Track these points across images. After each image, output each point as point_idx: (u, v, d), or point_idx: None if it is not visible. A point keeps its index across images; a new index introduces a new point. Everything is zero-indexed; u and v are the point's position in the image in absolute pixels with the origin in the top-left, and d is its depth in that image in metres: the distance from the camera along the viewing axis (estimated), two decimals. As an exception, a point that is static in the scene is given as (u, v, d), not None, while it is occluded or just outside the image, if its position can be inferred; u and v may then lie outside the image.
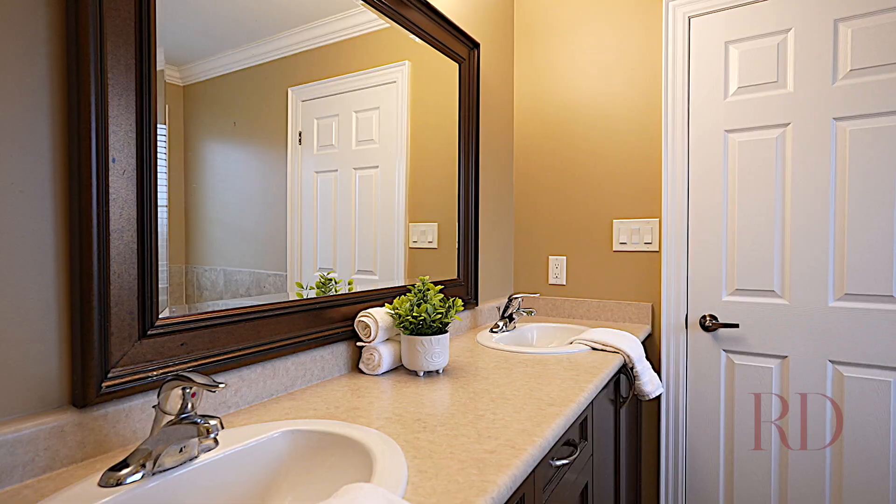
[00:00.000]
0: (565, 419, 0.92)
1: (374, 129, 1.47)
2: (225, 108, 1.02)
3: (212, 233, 0.98)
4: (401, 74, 1.60)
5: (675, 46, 1.81)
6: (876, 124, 1.52)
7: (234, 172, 1.03)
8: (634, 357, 1.41)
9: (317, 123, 1.27)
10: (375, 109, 1.49)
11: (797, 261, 1.63)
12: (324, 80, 1.28)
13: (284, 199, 1.15)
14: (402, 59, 1.60)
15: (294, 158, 1.18)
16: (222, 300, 0.98)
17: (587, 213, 2.02)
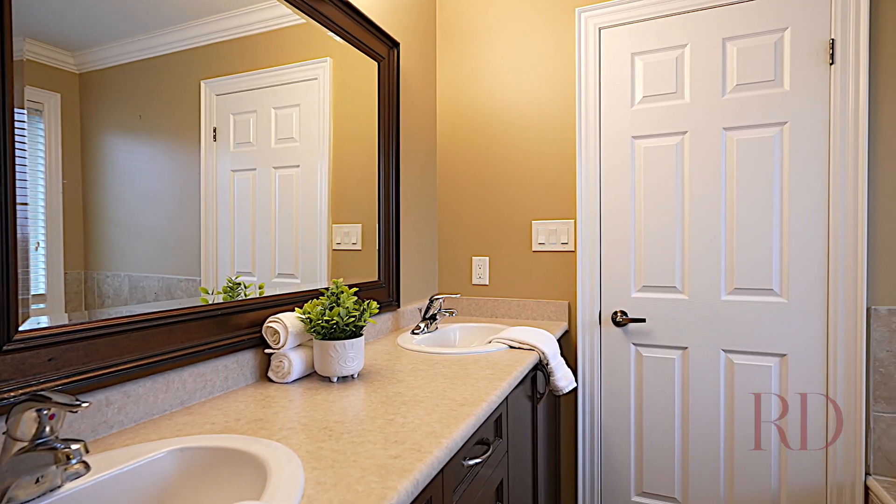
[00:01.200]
0: (476, 419, 0.93)
1: (294, 127, 1.41)
2: (130, 100, 0.93)
3: (115, 235, 0.89)
4: (322, 72, 1.55)
5: (587, 56, 1.90)
6: (756, 134, 1.68)
7: (142, 170, 0.94)
8: (549, 354, 1.45)
9: (233, 119, 1.20)
10: (296, 107, 1.43)
11: (695, 258, 1.77)
12: (240, 75, 1.21)
13: (198, 198, 1.07)
14: (324, 56, 1.55)
15: (209, 156, 1.10)
16: (127, 307, 0.89)
17: (508, 215, 2.07)
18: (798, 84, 1.63)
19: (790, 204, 1.64)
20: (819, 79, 1.60)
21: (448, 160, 2.18)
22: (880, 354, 1.55)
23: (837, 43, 1.57)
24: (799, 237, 1.64)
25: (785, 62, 1.65)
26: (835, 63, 1.58)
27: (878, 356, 1.55)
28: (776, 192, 1.66)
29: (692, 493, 1.79)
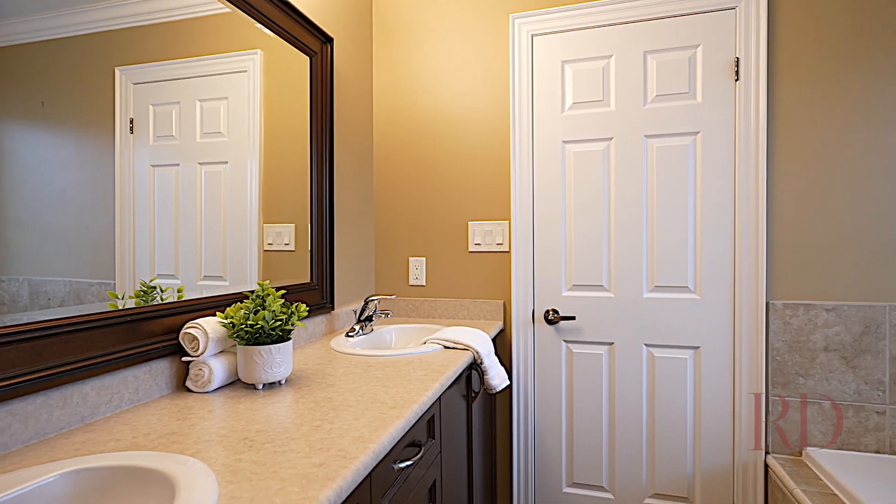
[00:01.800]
0: (406, 421, 0.92)
1: (222, 121, 1.34)
2: (30, 85, 0.83)
3: (11, 235, 0.79)
4: (252, 64, 1.48)
5: (520, 61, 1.95)
6: (673, 142, 1.81)
7: (44, 162, 0.85)
8: (483, 353, 1.48)
9: (153, 111, 1.11)
10: (223, 100, 1.35)
11: (620, 258, 1.87)
12: (161, 63, 1.13)
13: (112, 195, 0.98)
14: (254, 49, 1.48)
15: (124, 149, 1.01)
16: (27, 314, 0.80)
17: (445, 215, 2.08)
18: (709, 97, 1.76)
19: (703, 207, 1.78)
20: (726, 93, 1.75)
21: (385, 159, 2.15)
22: (777, 344, 1.71)
23: (742, 61, 1.72)
24: (710, 238, 1.77)
25: (698, 76, 1.78)
26: (739, 79, 1.72)
27: (776, 346, 1.71)
28: (691, 196, 1.79)
29: (618, 480, 1.88)
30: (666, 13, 1.79)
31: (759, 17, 1.69)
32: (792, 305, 1.70)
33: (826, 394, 1.67)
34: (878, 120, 1.62)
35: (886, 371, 1.62)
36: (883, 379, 1.62)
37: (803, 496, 1.44)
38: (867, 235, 1.63)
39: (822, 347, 1.67)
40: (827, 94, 1.66)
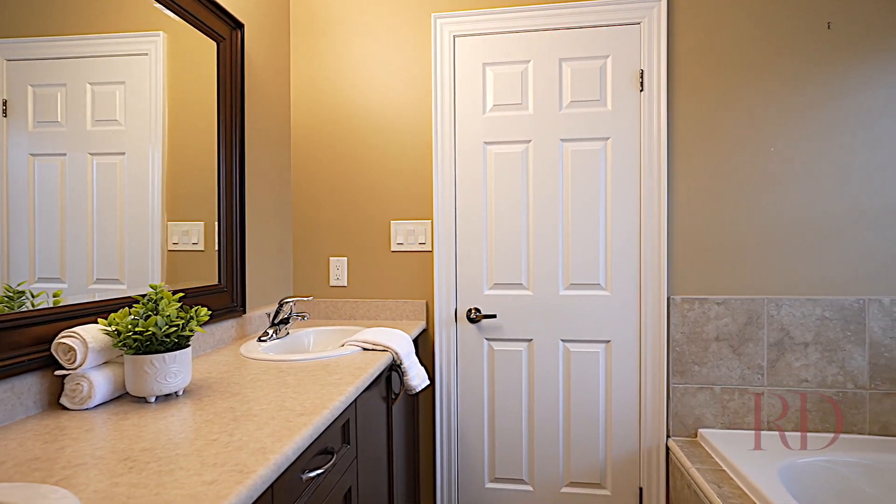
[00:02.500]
0: (314, 428, 0.88)
1: (118, 108, 1.21)
2: None
3: None
4: (154, 47, 1.36)
5: (442, 61, 1.95)
6: (586, 147, 1.90)
7: None
8: (403, 354, 1.46)
9: (32, 92, 0.98)
10: (120, 84, 1.22)
11: (538, 257, 1.93)
12: (42, 39, 1.00)
13: None
14: (156, 30, 1.35)
15: None
16: None
17: (367, 214, 2.03)
18: (618, 105, 1.87)
19: (612, 209, 1.88)
20: (633, 102, 1.87)
21: (305, 156, 2.07)
22: (676, 336, 1.85)
23: (646, 73, 1.84)
24: (619, 237, 1.88)
25: (608, 85, 1.88)
26: (644, 90, 1.85)
27: (675, 337, 1.86)
28: (602, 198, 1.89)
29: (537, 472, 1.94)
30: (579, 24, 1.87)
31: (659, 32, 1.82)
32: (689, 300, 1.85)
33: (717, 379, 1.84)
34: (760, 131, 1.81)
35: (765, 357, 1.81)
36: (762, 364, 1.81)
37: (697, 473, 1.58)
38: (749, 236, 1.82)
39: (714, 337, 1.84)
40: (717, 106, 1.82)
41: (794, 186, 1.79)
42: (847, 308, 1.77)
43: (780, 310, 1.80)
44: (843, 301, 1.77)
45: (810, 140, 1.78)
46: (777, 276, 1.81)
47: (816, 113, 1.77)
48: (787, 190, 1.80)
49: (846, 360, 1.77)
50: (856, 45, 1.75)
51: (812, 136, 1.78)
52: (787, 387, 1.80)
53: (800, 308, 1.79)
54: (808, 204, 1.79)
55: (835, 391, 1.78)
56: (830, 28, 1.76)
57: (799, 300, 1.79)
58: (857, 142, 1.76)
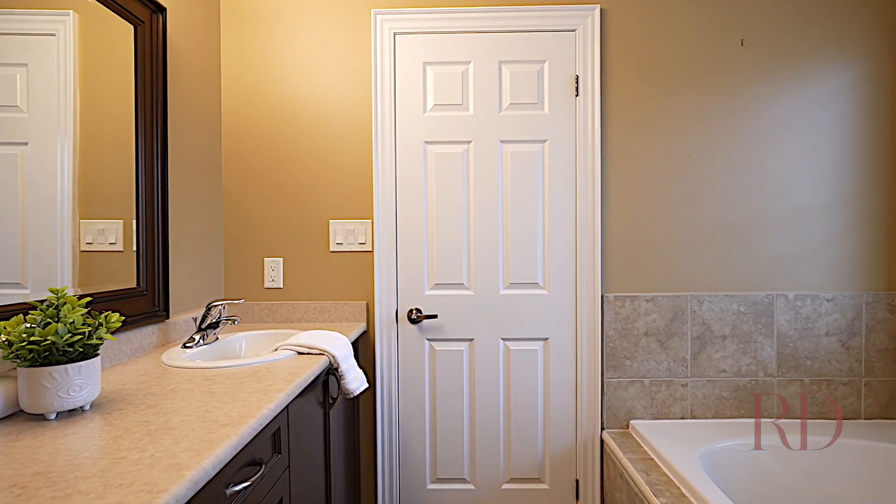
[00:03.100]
0: (239, 439, 0.83)
1: (19, 93, 1.09)
2: None
3: None
4: (63, 27, 1.24)
5: (382, 58, 1.92)
6: (525, 149, 1.94)
7: None
8: (340, 357, 1.41)
9: None
10: (21, 66, 1.11)
11: (479, 257, 1.95)
12: None
13: None
14: (65, 8, 1.23)
15: None
16: None
17: (305, 213, 1.96)
18: (555, 109, 1.93)
19: (550, 210, 1.94)
20: (569, 106, 1.93)
21: (237, 151, 1.96)
22: (609, 332, 1.93)
23: (581, 78, 1.91)
24: (556, 237, 1.94)
25: (545, 89, 1.93)
26: (579, 95, 1.91)
27: (609, 334, 1.94)
28: (540, 199, 1.94)
29: (479, 470, 1.96)
30: (517, 28, 1.91)
31: (593, 41, 1.89)
32: (621, 297, 1.93)
33: (646, 372, 1.94)
34: (684, 139, 1.92)
35: (688, 350, 1.93)
36: (686, 357, 1.93)
37: (627, 463, 1.65)
38: (675, 237, 1.93)
39: (643, 333, 1.93)
40: (647, 113, 1.92)
41: (713, 191, 1.92)
42: (758, 303, 1.92)
43: (701, 305, 1.93)
44: (755, 297, 1.92)
45: (726, 149, 1.92)
46: (699, 274, 1.93)
47: (732, 124, 1.91)
48: (708, 194, 1.92)
49: (758, 351, 1.92)
50: (766, 63, 1.90)
51: (728, 145, 1.92)
52: (708, 377, 1.93)
53: (719, 304, 1.92)
54: (725, 207, 1.92)
55: (748, 379, 1.92)
56: (743, 45, 1.90)
57: (718, 296, 1.92)
58: (766, 152, 1.91)
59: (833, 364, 1.91)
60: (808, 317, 1.91)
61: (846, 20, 1.89)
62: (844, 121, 1.90)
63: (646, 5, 1.91)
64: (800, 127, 1.91)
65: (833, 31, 1.89)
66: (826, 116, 1.90)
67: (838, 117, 1.90)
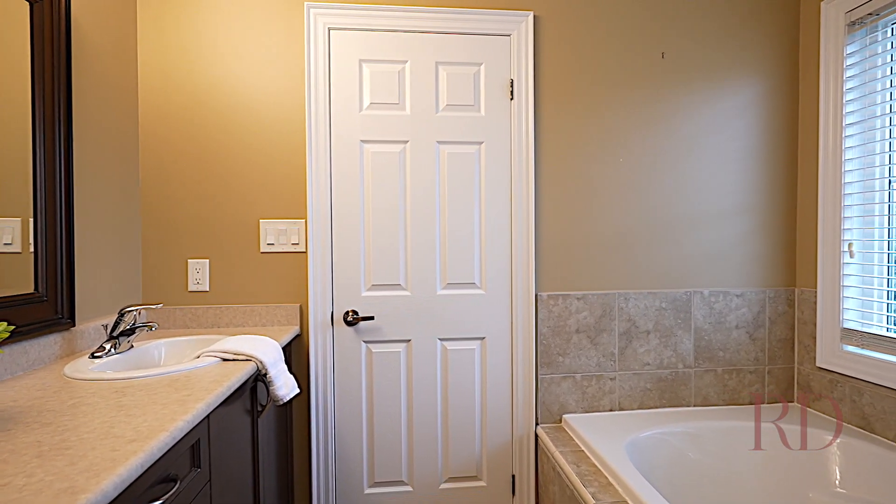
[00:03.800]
0: (146, 456, 0.77)
1: None
2: None
3: None
4: None
5: (316, 53, 1.87)
6: (462, 150, 1.95)
7: None
8: (268, 362, 1.36)
9: None
10: None
11: (416, 257, 1.94)
12: None
13: None
14: None
15: None
16: None
17: (233, 212, 1.87)
18: (490, 112, 1.96)
19: (486, 210, 1.96)
20: (504, 109, 1.96)
21: (157, 145, 1.83)
22: (543, 330, 1.99)
23: (515, 83, 1.95)
24: (492, 238, 1.97)
25: (481, 92, 1.96)
26: (514, 99, 1.95)
27: (542, 331, 1.99)
28: (476, 200, 1.96)
29: (416, 471, 1.95)
30: (454, 29, 1.92)
31: (527, 47, 1.94)
32: (554, 296, 2.00)
33: (578, 368, 2.01)
34: (613, 143, 2.02)
35: (616, 345, 2.03)
36: (614, 351, 2.03)
37: (560, 456, 1.71)
38: (604, 237, 2.02)
39: (575, 330, 2.01)
40: (579, 118, 2.00)
41: (639, 194, 2.03)
42: (678, 299, 2.05)
43: (628, 303, 2.03)
44: (675, 293, 2.05)
45: (650, 154, 2.03)
46: (626, 272, 2.04)
47: (655, 131, 2.03)
48: (634, 197, 2.03)
49: (678, 344, 2.06)
50: (684, 75, 2.04)
51: (652, 151, 2.04)
52: (634, 370, 2.04)
53: (643, 300, 2.04)
54: (649, 210, 2.04)
55: (669, 371, 2.05)
56: (664, 58, 2.03)
57: (642, 293, 2.04)
58: (685, 158, 2.05)
59: (742, 354, 2.08)
60: (721, 311, 2.07)
61: (751, 42, 2.06)
62: (752, 131, 2.08)
63: (576, 15, 1.99)
64: (715, 135, 2.06)
65: (740, 50, 2.06)
66: (737, 126, 2.07)
67: (747, 128, 2.07)
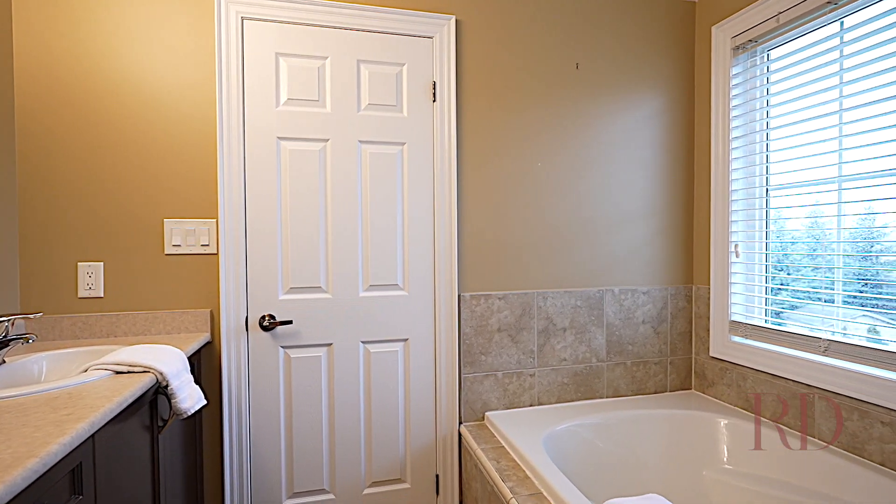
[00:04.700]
0: (6, 489, 0.68)
1: None
2: None
3: None
4: None
5: (228, 43, 1.76)
6: (384, 150, 1.94)
7: None
8: (170, 373, 1.26)
9: None
10: None
11: (337, 259, 1.89)
12: None
13: None
14: None
15: None
16: None
17: (132, 211, 1.71)
18: (413, 113, 1.96)
19: (409, 211, 1.96)
20: (427, 111, 1.97)
21: (39, 138, 1.63)
22: (466, 330, 2.03)
23: (438, 85, 1.96)
24: (416, 239, 1.97)
25: (404, 93, 1.95)
26: (437, 101, 1.97)
27: (465, 331, 2.03)
28: (399, 201, 1.95)
29: (338, 478, 1.90)
30: (377, 28, 1.90)
31: (449, 50, 1.96)
32: (476, 296, 2.03)
33: (499, 366, 2.07)
34: (532, 148, 2.09)
35: (535, 343, 2.11)
36: (533, 349, 2.11)
37: (481, 453, 1.74)
38: (524, 238, 2.09)
39: (496, 329, 2.06)
40: (500, 123, 2.05)
41: (556, 197, 2.13)
42: (591, 297, 2.17)
43: (546, 301, 2.12)
44: (589, 292, 2.17)
45: (566, 159, 2.14)
46: (544, 272, 2.12)
47: (570, 137, 2.14)
48: (551, 200, 2.12)
49: (591, 340, 2.18)
50: (597, 86, 2.16)
51: (568, 156, 2.14)
52: (552, 366, 2.13)
53: (560, 299, 2.13)
54: (565, 212, 2.14)
55: (584, 366, 2.17)
56: (579, 68, 2.14)
57: (559, 292, 2.13)
58: (598, 164, 2.17)
59: (648, 347, 2.25)
60: (630, 308, 2.22)
61: (654, 59, 2.23)
62: (656, 142, 2.25)
63: (498, 23, 2.04)
64: (625, 143, 2.20)
65: (645, 66, 2.22)
66: (644, 137, 2.23)
67: (651, 138, 2.24)
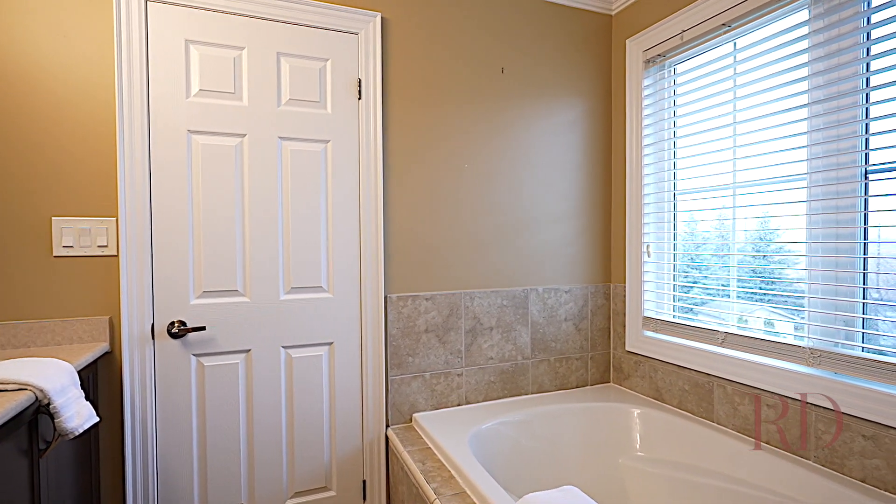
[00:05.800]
0: None
1: None
2: None
3: None
4: None
5: (129, 26, 1.62)
6: (307, 147, 1.87)
7: None
8: (52, 389, 1.13)
9: None
10: None
11: (256, 260, 1.80)
12: None
13: None
14: None
15: None
16: None
17: (11, 208, 1.52)
18: (337, 110, 1.90)
19: (334, 211, 1.90)
20: (352, 109, 1.93)
21: None
22: (393, 331, 2.00)
23: (363, 82, 1.92)
24: (341, 240, 1.92)
25: (328, 89, 1.89)
26: (362, 98, 1.93)
27: (392, 333, 2.00)
28: (323, 201, 1.89)
29: (258, 490, 1.81)
30: (298, 20, 1.82)
31: (375, 48, 1.93)
32: (403, 297, 2.02)
33: (427, 367, 2.06)
34: (458, 150, 2.10)
35: (463, 342, 2.13)
36: (461, 349, 2.13)
37: (407, 455, 1.73)
38: (450, 239, 2.11)
39: (424, 330, 2.06)
40: (427, 124, 2.05)
41: (482, 199, 2.16)
42: (517, 297, 2.23)
43: (473, 301, 2.14)
44: (515, 291, 2.22)
45: (492, 161, 2.17)
46: (471, 272, 2.15)
47: (496, 140, 2.18)
48: (477, 201, 2.15)
49: (517, 338, 2.23)
50: (521, 91, 2.22)
51: (494, 158, 2.18)
52: (479, 365, 2.16)
53: (486, 299, 2.17)
54: (491, 214, 2.18)
55: (510, 364, 2.22)
56: (504, 73, 2.19)
57: (486, 292, 2.17)
58: (523, 166, 2.23)
59: (570, 343, 2.34)
60: (553, 306, 2.30)
61: (576, 66, 2.33)
62: (578, 146, 2.34)
63: (425, 23, 2.03)
64: (548, 147, 2.28)
65: (568, 72, 2.31)
66: (567, 140, 2.32)
67: (574, 142, 2.33)
